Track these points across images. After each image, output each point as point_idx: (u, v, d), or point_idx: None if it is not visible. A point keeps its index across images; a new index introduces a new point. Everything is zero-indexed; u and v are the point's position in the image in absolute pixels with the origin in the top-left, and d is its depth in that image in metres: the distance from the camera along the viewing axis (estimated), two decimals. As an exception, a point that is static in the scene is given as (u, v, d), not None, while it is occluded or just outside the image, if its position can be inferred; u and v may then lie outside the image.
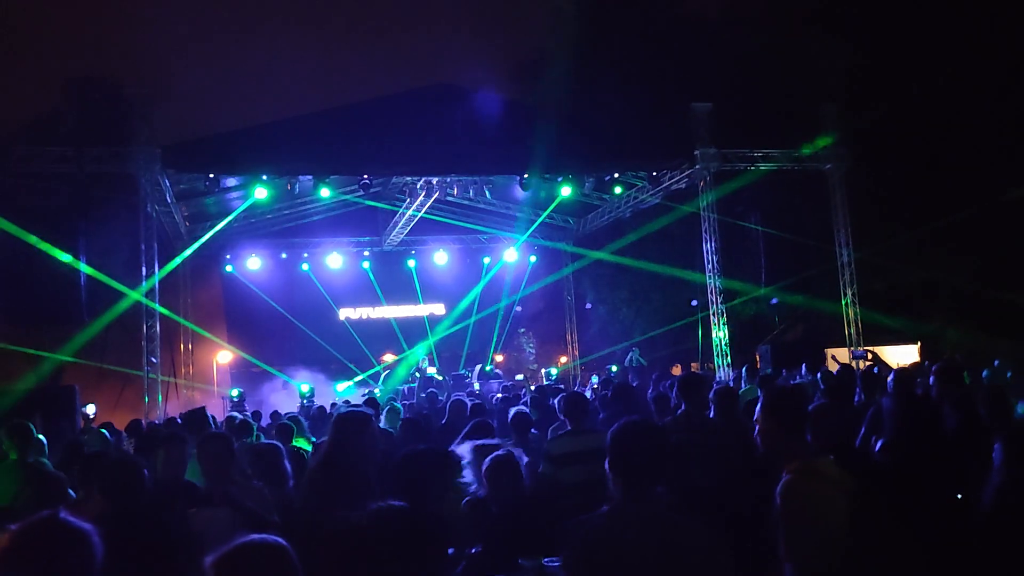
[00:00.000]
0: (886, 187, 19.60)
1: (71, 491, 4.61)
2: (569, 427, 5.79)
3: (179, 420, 9.46)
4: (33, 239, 13.52)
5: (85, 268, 14.08)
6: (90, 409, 13.71)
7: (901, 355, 18.48)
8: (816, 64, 21.30)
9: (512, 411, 7.01)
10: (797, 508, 2.98)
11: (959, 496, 3.76)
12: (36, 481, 4.78)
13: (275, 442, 5.79)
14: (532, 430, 6.86)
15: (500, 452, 4.25)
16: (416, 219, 20.18)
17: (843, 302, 17.57)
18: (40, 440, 6.11)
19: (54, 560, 2.06)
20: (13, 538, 2.07)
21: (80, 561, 2.10)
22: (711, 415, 5.65)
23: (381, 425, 7.67)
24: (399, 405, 9.91)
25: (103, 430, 7.82)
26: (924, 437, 3.86)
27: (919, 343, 19.89)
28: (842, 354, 16.61)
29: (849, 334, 17.46)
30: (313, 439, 7.75)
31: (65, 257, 13.75)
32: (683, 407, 5.58)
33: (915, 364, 10.87)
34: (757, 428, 3.30)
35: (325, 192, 16.23)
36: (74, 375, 15.34)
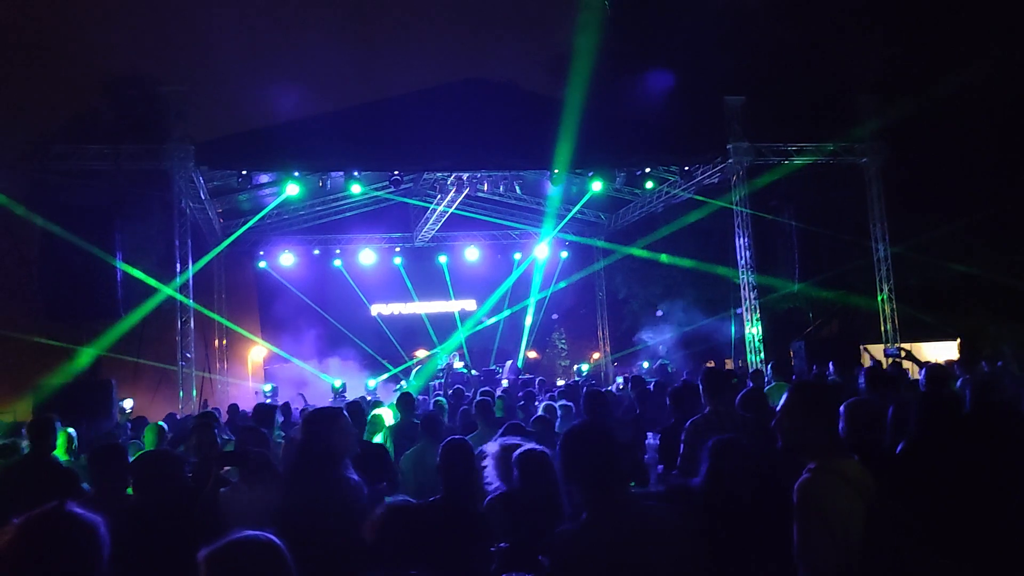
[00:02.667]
0: (923, 180, 19.23)
1: (86, 485, 4.66)
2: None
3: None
4: (70, 236, 13.74)
5: (121, 264, 14.30)
6: (127, 403, 13.91)
7: (940, 351, 18.15)
8: (851, 56, 20.96)
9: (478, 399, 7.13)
10: (813, 508, 2.93)
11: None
12: (48, 476, 4.84)
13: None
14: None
15: (532, 447, 4.23)
16: (447, 215, 20.22)
17: (879, 298, 17.29)
18: (70, 434, 6.21)
19: (60, 551, 2.06)
20: (19, 529, 2.07)
21: (86, 552, 2.11)
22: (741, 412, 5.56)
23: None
24: (443, 399, 9.96)
25: (162, 423, 7.99)
26: (948, 437, 3.75)
27: (959, 339, 19.52)
28: (877, 351, 16.37)
29: (885, 330, 17.18)
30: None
31: (101, 253, 13.96)
32: (708, 407, 5.47)
33: (950, 361, 10.66)
34: (777, 421, 3.23)
35: (356, 188, 16.31)
36: (111, 369, 15.58)
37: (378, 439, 7.30)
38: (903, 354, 8.03)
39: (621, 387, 14.06)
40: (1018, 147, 18.15)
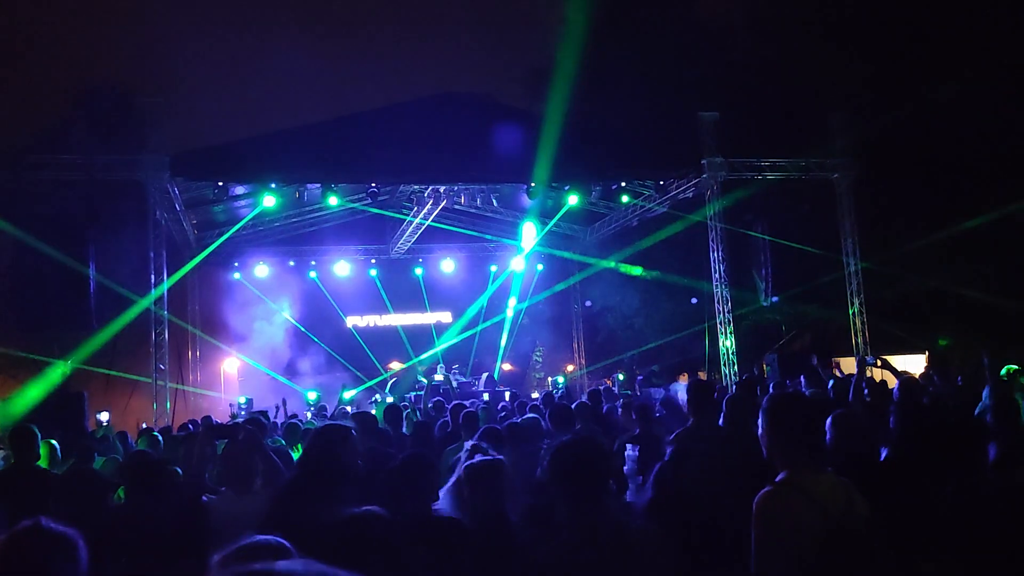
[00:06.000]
0: (894, 196, 19.58)
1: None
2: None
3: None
4: (43, 246, 13.60)
5: (94, 275, 14.16)
6: (104, 416, 13.75)
7: (909, 365, 18.39)
8: (823, 73, 21.32)
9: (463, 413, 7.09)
10: (766, 523, 2.95)
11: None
12: (34, 486, 4.82)
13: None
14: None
15: (482, 458, 4.23)
16: (423, 227, 20.23)
17: (851, 311, 17.53)
18: (53, 445, 6.17)
19: (38, 569, 2.07)
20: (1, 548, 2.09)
21: (65, 567, 2.13)
22: (720, 423, 5.59)
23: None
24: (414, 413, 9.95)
25: (156, 433, 8.01)
26: (928, 446, 3.84)
27: (927, 353, 19.81)
28: (849, 364, 16.59)
29: (857, 344, 17.42)
30: None
31: (74, 264, 13.83)
32: (692, 419, 5.45)
33: (922, 373, 10.85)
34: (759, 432, 3.26)
35: (333, 200, 16.28)
36: (83, 382, 15.41)
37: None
38: (879, 364, 8.16)
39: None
40: (986, 163, 18.53)
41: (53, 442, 6.27)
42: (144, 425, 12.36)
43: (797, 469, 3.08)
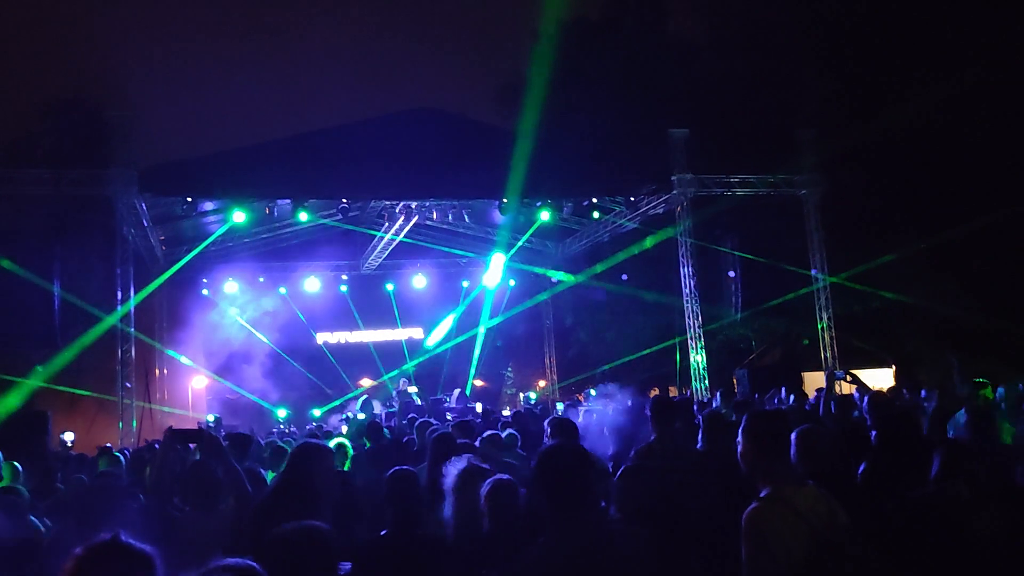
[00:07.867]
0: (861, 211, 19.84)
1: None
2: None
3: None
4: (6, 262, 13.37)
5: (59, 291, 13.93)
6: (68, 436, 13.50)
7: (876, 378, 18.63)
8: (791, 90, 21.61)
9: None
10: (757, 538, 2.99)
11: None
12: None
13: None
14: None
15: (502, 476, 4.23)
16: (395, 243, 20.16)
17: (819, 326, 17.71)
18: (15, 467, 6.04)
19: None
20: (76, 562, 2.05)
21: None
22: (699, 442, 5.61)
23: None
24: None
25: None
26: (907, 458, 3.88)
27: (894, 367, 20.06)
28: (817, 378, 16.78)
29: (825, 358, 17.59)
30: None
31: (39, 280, 13.60)
32: (654, 435, 5.45)
33: (891, 388, 10.98)
34: (739, 450, 3.31)
35: (303, 216, 16.18)
36: (47, 400, 15.12)
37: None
38: (849, 379, 8.25)
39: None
40: (953, 178, 18.84)
41: (16, 464, 6.14)
42: (108, 444, 12.14)
43: (779, 484, 3.13)
